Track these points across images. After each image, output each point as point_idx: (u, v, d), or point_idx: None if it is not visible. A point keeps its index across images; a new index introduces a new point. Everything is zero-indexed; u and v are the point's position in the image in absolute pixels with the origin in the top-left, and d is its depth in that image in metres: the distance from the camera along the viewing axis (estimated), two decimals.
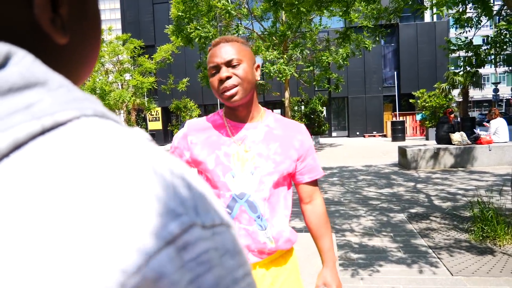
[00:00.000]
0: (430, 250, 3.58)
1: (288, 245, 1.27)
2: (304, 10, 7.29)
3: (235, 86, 1.15)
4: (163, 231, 0.22)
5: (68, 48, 0.32)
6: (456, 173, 7.90)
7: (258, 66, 1.24)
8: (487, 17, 5.02)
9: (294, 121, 1.33)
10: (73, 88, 0.27)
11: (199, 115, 19.58)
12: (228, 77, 1.15)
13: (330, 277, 1.29)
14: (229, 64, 1.16)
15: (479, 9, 4.92)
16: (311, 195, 1.34)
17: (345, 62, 14.37)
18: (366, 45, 13.41)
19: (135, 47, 16.80)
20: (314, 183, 1.34)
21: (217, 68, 1.17)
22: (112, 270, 0.20)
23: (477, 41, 5.95)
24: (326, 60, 13.30)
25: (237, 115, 1.24)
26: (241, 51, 1.18)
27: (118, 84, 17.37)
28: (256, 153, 1.21)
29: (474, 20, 5.75)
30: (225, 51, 1.17)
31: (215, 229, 0.25)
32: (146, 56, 17.18)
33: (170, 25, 12.95)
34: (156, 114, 23.55)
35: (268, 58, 11.78)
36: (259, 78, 1.25)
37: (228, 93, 1.15)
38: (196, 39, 11.93)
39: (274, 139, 1.23)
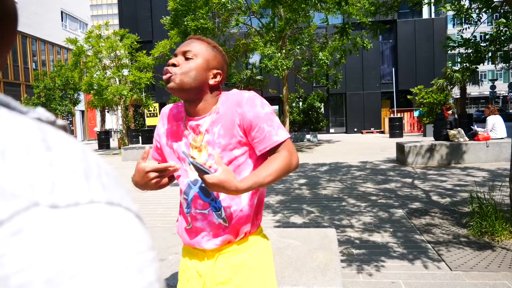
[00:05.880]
0: (429, 246, 3.61)
1: (243, 224, 1.22)
2: (299, 6, 7.24)
3: (171, 74, 1.17)
4: None
5: None
6: (454, 169, 7.94)
7: (218, 73, 1.24)
8: (489, 12, 5.01)
9: (237, 92, 1.25)
10: None
11: None
12: (174, 65, 1.19)
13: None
14: (184, 54, 1.20)
15: (481, 7, 4.92)
16: None
17: (342, 60, 14.37)
18: (365, 45, 13.44)
19: (132, 43, 16.73)
20: (274, 152, 1.21)
21: (175, 56, 1.22)
22: None
23: (476, 37, 5.96)
24: (323, 59, 13.31)
25: (187, 110, 1.26)
26: (202, 50, 1.21)
27: (115, 80, 17.30)
28: (206, 141, 1.23)
29: (473, 16, 5.75)
30: (190, 44, 1.22)
31: (77, 208, 0.22)
32: (144, 51, 17.11)
33: (167, 16, 12.89)
34: (153, 110, 23.50)
35: (266, 53, 11.77)
36: (213, 83, 1.22)
37: (164, 77, 1.18)
38: (194, 29, 11.88)
39: (217, 121, 1.22)
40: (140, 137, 18.92)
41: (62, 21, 29.29)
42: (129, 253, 0.23)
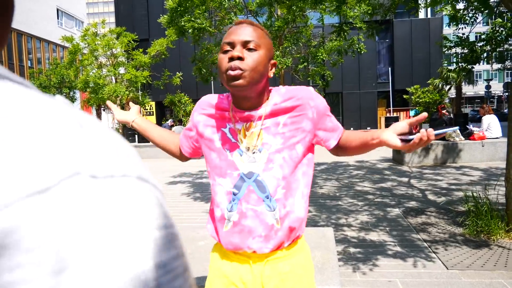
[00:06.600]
0: (425, 244, 3.63)
1: (295, 227, 1.14)
2: (298, 6, 7.24)
3: (242, 70, 1.04)
4: (27, 181, 0.20)
5: None
6: (449, 168, 7.98)
7: (274, 64, 1.15)
8: (487, 15, 5.04)
9: (301, 87, 1.20)
10: None
11: None
12: (240, 58, 1.05)
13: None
14: (245, 45, 1.07)
15: (477, 6, 4.94)
16: None
17: (341, 60, 14.39)
18: (360, 50, 13.48)
19: (129, 41, 16.66)
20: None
21: (232, 46, 1.08)
22: None
23: (472, 38, 6.00)
24: (321, 57, 13.30)
25: (238, 103, 1.15)
26: (262, 38, 1.10)
27: (111, 78, 17.22)
28: (264, 127, 1.13)
29: (468, 17, 5.78)
30: (246, 31, 1.08)
31: (113, 179, 0.23)
32: (141, 50, 17.04)
33: (164, 15, 12.85)
34: (150, 109, 23.45)
35: None
36: (271, 75, 1.16)
37: (232, 73, 1.04)
38: (190, 30, 11.86)
39: (283, 111, 1.13)
40: (136, 136, 18.86)
41: (58, 18, 29.12)
42: (160, 225, 0.24)
